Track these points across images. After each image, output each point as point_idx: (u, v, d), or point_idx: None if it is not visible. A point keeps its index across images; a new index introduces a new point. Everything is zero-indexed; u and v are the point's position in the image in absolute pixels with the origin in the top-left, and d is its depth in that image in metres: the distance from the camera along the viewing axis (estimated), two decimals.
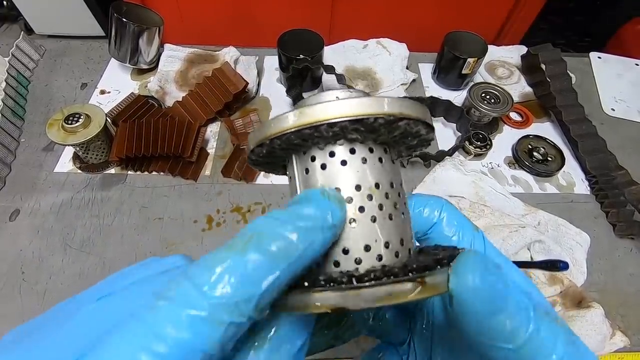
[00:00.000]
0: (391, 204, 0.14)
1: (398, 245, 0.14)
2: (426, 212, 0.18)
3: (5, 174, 0.57)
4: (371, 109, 0.13)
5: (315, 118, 0.13)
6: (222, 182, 0.58)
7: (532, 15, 1.05)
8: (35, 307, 0.46)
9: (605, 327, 0.44)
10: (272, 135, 0.13)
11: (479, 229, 0.19)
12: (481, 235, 0.18)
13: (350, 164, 0.14)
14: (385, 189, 0.14)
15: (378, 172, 0.14)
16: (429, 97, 0.65)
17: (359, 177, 0.14)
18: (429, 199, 0.19)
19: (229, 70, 0.63)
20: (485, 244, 0.18)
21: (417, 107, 0.14)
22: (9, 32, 1.05)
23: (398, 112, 0.13)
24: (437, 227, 0.18)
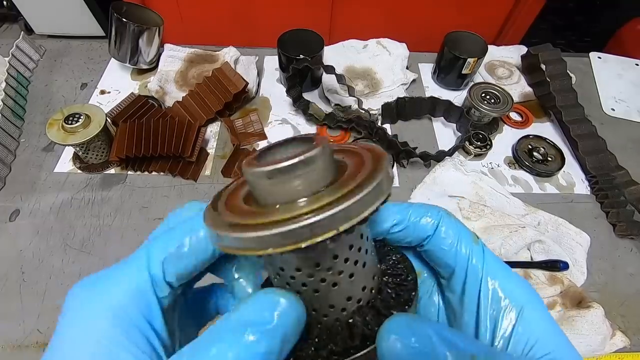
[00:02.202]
0: (362, 255, 0.15)
1: (371, 282, 0.16)
2: (423, 221, 0.18)
3: (5, 174, 0.57)
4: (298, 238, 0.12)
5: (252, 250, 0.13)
6: (222, 182, 0.58)
7: (532, 15, 1.05)
8: (35, 307, 0.46)
9: (605, 327, 0.44)
10: (228, 250, 0.14)
11: (479, 240, 0.18)
12: (480, 248, 0.18)
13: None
14: (356, 246, 0.15)
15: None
16: (429, 97, 0.65)
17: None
18: (427, 209, 0.19)
19: (229, 70, 0.63)
20: (484, 256, 0.18)
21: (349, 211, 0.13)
22: (9, 32, 1.05)
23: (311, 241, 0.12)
24: (434, 237, 0.18)
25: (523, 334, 0.16)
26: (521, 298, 0.17)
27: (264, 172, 0.13)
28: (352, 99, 0.61)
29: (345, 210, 0.12)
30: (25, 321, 0.45)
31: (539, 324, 0.16)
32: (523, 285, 0.17)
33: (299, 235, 0.12)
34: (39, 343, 0.44)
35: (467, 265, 0.17)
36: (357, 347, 0.15)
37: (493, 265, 0.18)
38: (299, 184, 0.13)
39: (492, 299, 0.17)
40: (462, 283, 0.18)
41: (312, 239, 0.12)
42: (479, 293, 0.17)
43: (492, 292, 0.17)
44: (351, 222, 0.12)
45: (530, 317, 0.16)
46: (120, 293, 0.14)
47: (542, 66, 0.67)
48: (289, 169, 0.13)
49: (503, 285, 0.17)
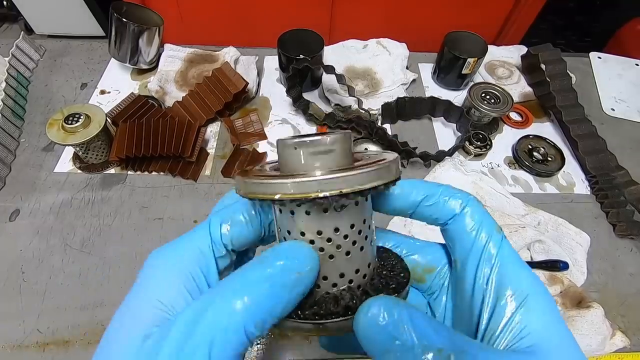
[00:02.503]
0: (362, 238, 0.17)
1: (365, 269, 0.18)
2: (452, 201, 0.19)
3: (5, 174, 0.57)
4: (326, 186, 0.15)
5: (272, 194, 0.15)
6: (222, 182, 0.58)
7: (532, 15, 1.05)
8: (35, 307, 0.46)
9: (605, 327, 0.44)
10: (251, 195, 0.16)
11: (501, 230, 0.19)
12: (500, 237, 0.18)
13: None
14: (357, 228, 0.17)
15: (349, 217, 0.17)
16: (429, 97, 0.65)
17: (336, 224, 0.17)
18: (458, 191, 0.19)
19: (229, 70, 0.63)
20: (501, 246, 0.18)
21: (382, 172, 0.16)
22: (9, 32, 1.05)
23: (350, 189, 0.15)
24: (457, 219, 0.19)
25: (519, 324, 0.16)
26: (527, 288, 0.17)
27: (293, 142, 0.16)
28: (352, 99, 0.61)
29: (351, 177, 0.14)
30: (25, 321, 0.45)
31: (538, 316, 0.16)
32: (533, 278, 0.17)
33: (309, 187, 0.14)
34: (39, 343, 0.44)
35: (483, 250, 0.18)
36: (338, 313, 0.16)
37: (508, 254, 0.18)
38: (318, 159, 0.16)
39: (498, 286, 0.17)
40: (474, 267, 0.18)
41: (320, 192, 0.14)
42: (487, 279, 0.17)
43: (500, 279, 0.17)
44: (354, 188, 0.14)
45: (531, 307, 0.16)
46: (187, 253, 0.17)
47: (542, 66, 0.67)
48: (314, 143, 0.16)
49: (512, 274, 0.17)
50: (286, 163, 0.17)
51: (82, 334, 0.45)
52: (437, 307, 0.21)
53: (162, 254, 0.18)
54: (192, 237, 0.18)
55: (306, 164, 0.16)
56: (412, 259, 0.21)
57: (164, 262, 0.17)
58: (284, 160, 0.17)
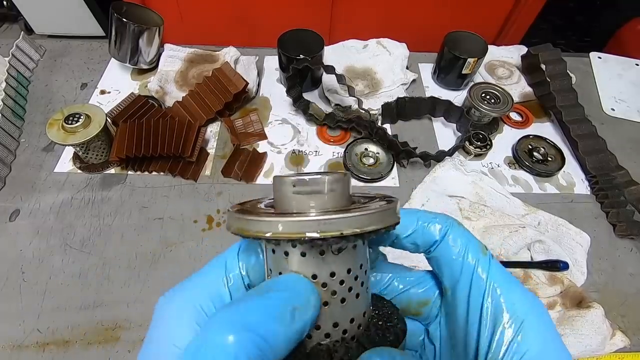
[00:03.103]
0: (358, 285, 0.16)
1: (360, 318, 0.17)
2: (431, 227, 0.18)
3: (5, 174, 0.57)
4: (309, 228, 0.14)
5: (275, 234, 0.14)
6: (222, 182, 0.58)
7: (532, 15, 1.05)
8: (35, 307, 0.46)
9: (605, 327, 0.44)
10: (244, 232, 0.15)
11: (487, 251, 0.18)
12: (487, 259, 0.18)
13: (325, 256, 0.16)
14: (354, 273, 0.16)
15: (344, 261, 0.16)
16: (429, 97, 0.65)
17: (330, 267, 0.16)
18: (436, 216, 0.19)
19: (229, 70, 0.63)
20: (490, 268, 0.17)
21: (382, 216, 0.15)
22: (9, 32, 1.05)
23: (338, 232, 0.14)
24: (442, 245, 0.18)
25: (519, 348, 0.16)
26: (523, 311, 0.16)
27: (291, 179, 0.15)
28: (352, 99, 0.61)
29: (352, 219, 0.14)
30: (25, 321, 0.45)
31: (539, 338, 0.16)
32: (527, 298, 0.17)
33: (307, 227, 0.13)
34: (39, 343, 0.44)
35: (472, 276, 0.17)
36: None
37: (498, 277, 0.17)
38: (317, 198, 0.15)
39: (493, 313, 0.17)
40: (466, 294, 0.17)
41: (319, 232, 0.13)
42: (481, 305, 0.17)
43: (495, 304, 0.17)
44: (355, 230, 0.14)
45: (530, 330, 0.16)
46: (199, 289, 0.17)
47: (542, 66, 0.67)
48: (313, 181, 0.15)
49: (506, 297, 0.17)
50: (282, 201, 0.16)
51: (82, 334, 0.45)
52: (435, 332, 0.20)
53: (174, 294, 0.17)
54: (206, 272, 0.18)
55: (304, 203, 0.15)
56: (407, 295, 0.20)
57: (177, 302, 0.16)
58: (280, 198, 0.16)
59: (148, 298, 0.47)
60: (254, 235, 0.14)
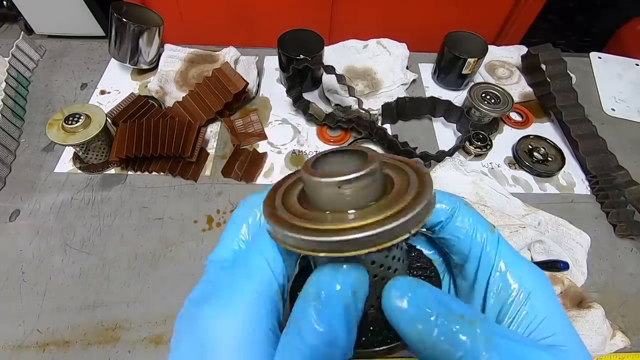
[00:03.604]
0: (395, 262, 0.17)
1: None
2: (437, 207, 0.19)
3: (5, 174, 0.57)
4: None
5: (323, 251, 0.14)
6: (222, 182, 0.58)
7: (532, 15, 1.05)
8: (35, 307, 0.46)
9: (605, 327, 0.44)
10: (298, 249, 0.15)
11: (495, 229, 0.19)
12: (496, 237, 0.18)
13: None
14: (391, 255, 0.17)
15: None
16: (429, 97, 0.65)
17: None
18: (444, 196, 0.19)
19: (229, 70, 0.63)
20: (498, 245, 0.18)
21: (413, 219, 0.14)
22: (9, 32, 1.05)
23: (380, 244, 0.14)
24: (450, 225, 0.19)
25: (527, 316, 0.16)
26: (530, 284, 0.17)
27: (320, 183, 0.15)
28: (352, 99, 0.61)
29: (389, 231, 0.14)
30: (25, 321, 0.45)
31: (545, 308, 0.16)
32: (534, 272, 0.18)
33: (345, 246, 0.14)
34: (39, 343, 0.44)
35: (481, 254, 0.18)
36: (393, 337, 0.17)
37: (506, 253, 0.18)
38: (350, 196, 0.15)
39: (501, 285, 0.17)
40: (474, 270, 0.18)
41: (356, 250, 0.14)
42: (488, 279, 0.18)
43: (502, 278, 0.17)
44: (391, 242, 0.14)
45: (537, 301, 0.17)
46: (250, 311, 0.16)
47: (542, 66, 0.67)
48: (344, 183, 0.15)
49: (514, 271, 0.17)
50: (315, 198, 0.16)
51: (82, 334, 0.45)
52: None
53: (215, 318, 0.15)
54: (250, 280, 0.16)
55: (338, 201, 0.15)
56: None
57: (226, 335, 0.15)
58: (312, 196, 0.16)
59: (148, 298, 0.47)
60: (292, 249, 0.15)
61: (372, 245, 0.14)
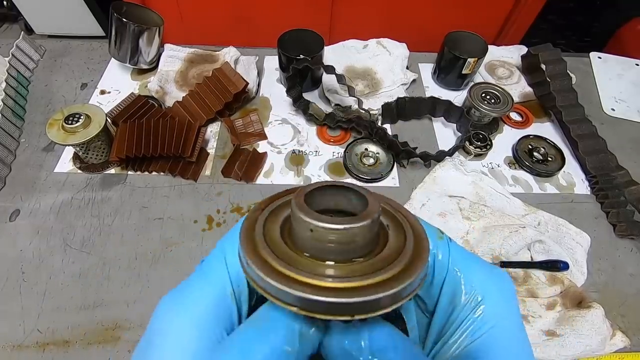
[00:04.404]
0: None
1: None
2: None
3: (5, 174, 0.57)
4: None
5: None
6: (222, 182, 0.58)
7: (532, 15, 1.05)
8: (35, 307, 0.46)
9: (605, 327, 0.44)
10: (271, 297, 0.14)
11: (443, 235, 0.18)
12: (445, 242, 0.17)
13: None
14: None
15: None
16: (429, 97, 0.65)
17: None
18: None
19: (229, 70, 0.63)
20: (450, 251, 0.17)
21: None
22: (9, 32, 1.05)
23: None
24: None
25: (474, 328, 0.16)
26: (482, 291, 0.16)
27: (307, 223, 0.14)
28: (352, 99, 0.61)
29: (366, 303, 0.12)
30: (25, 321, 0.45)
31: (491, 318, 0.16)
32: (487, 276, 0.17)
33: (315, 307, 0.12)
34: (39, 343, 0.44)
35: (434, 262, 0.17)
36: None
37: (459, 258, 0.17)
38: (335, 245, 0.14)
39: (453, 291, 0.17)
40: (430, 281, 0.17)
41: (326, 315, 0.12)
42: (441, 287, 0.17)
43: (455, 284, 0.17)
44: (367, 315, 0.13)
45: (487, 312, 0.16)
46: (204, 301, 0.15)
47: (542, 66, 0.67)
48: (331, 231, 0.13)
49: (466, 278, 0.17)
50: (298, 234, 0.14)
51: (82, 334, 0.45)
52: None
53: (172, 310, 0.16)
54: (207, 277, 0.16)
55: (321, 248, 0.14)
56: None
57: (179, 318, 0.15)
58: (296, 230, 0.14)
59: (148, 298, 0.47)
60: (259, 291, 0.14)
61: (339, 313, 0.12)
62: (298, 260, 0.14)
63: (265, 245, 0.14)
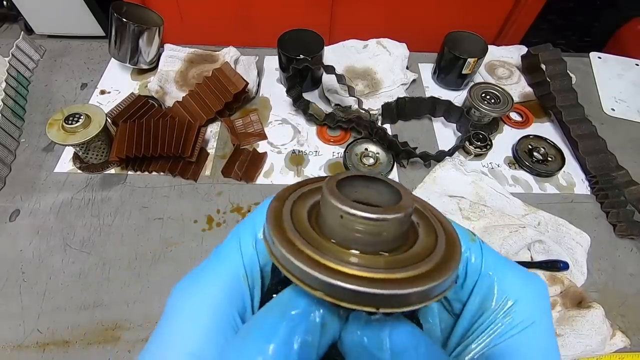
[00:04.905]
0: None
1: None
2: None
3: (5, 174, 0.57)
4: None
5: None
6: (222, 182, 0.58)
7: (532, 15, 1.05)
8: (35, 307, 0.46)
9: (605, 327, 0.44)
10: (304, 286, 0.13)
11: (476, 237, 0.17)
12: (478, 245, 0.17)
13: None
14: None
15: None
16: (429, 97, 0.65)
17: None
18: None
19: (229, 70, 0.63)
20: (483, 253, 0.17)
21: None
22: (9, 32, 1.05)
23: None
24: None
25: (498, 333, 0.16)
26: (515, 296, 0.16)
27: (338, 209, 0.13)
28: (352, 99, 0.61)
29: (394, 297, 0.12)
30: (25, 321, 0.45)
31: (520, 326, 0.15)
32: (522, 283, 0.16)
33: (341, 294, 0.12)
34: (39, 343, 0.44)
35: (467, 265, 0.17)
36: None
37: (492, 262, 0.17)
38: (364, 235, 0.13)
39: (484, 298, 0.16)
40: (461, 284, 0.17)
41: (352, 304, 0.12)
42: (471, 290, 0.17)
43: (486, 290, 0.16)
44: (393, 309, 0.12)
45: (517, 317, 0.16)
46: (217, 288, 0.16)
47: (542, 66, 0.67)
48: (362, 220, 0.13)
49: (500, 282, 0.16)
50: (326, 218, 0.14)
51: (82, 334, 0.45)
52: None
53: (189, 288, 0.16)
54: (221, 260, 0.17)
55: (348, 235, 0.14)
56: None
57: (193, 301, 0.16)
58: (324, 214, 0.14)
59: (148, 298, 0.47)
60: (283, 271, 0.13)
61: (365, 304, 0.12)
62: (325, 246, 0.13)
63: (292, 227, 0.14)
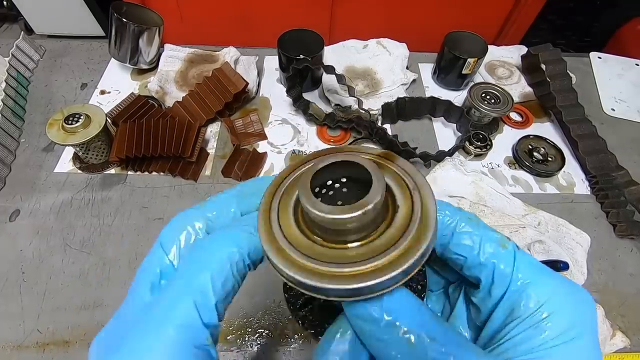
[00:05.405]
0: None
1: None
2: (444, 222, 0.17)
3: (5, 174, 0.57)
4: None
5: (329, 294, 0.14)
6: (222, 182, 0.58)
7: (532, 15, 1.05)
8: (35, 307, 0.46)
9: (605, 327, 0.44)
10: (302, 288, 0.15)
11: (509, 244, 0.16)
12: (510, 252, 0.16)
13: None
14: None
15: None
16: (429, 97, 0.65)
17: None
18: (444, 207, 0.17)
19: (229, 70, 0.63)
20: (515, 261, 0.16)
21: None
22: (9, 32, 1.05)
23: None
24: (453, 241, 0.17)
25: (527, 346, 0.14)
26: (551, 308, 0.15)
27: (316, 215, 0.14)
28: (352, 99, 0.61)
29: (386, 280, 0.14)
30: (25, 321, 0.45)
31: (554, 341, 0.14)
32: (561, 295, 0.15)
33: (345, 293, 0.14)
34: (39, 343, 0.44)
35: (494, 272, 0.16)
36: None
37: (527, 270, 0.16)
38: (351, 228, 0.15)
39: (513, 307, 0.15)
40: (487, 290, 0.16)
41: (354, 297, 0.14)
42: (500, 299, 0.16)
43: (517, 299, 0.15)
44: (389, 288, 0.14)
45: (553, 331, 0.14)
46: (166, 347, 0.13)
47: (542, 66, 0.67)
48: (322, 219, 0.14)
49: (534, 292, 0.15)
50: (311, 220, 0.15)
51: (82, 334, 0.45)
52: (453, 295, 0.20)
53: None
54: (170, 324, 0.14)
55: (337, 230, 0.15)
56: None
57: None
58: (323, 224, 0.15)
59: None
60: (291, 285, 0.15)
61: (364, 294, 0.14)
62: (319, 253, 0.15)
63: (282, 237, 0.16)
